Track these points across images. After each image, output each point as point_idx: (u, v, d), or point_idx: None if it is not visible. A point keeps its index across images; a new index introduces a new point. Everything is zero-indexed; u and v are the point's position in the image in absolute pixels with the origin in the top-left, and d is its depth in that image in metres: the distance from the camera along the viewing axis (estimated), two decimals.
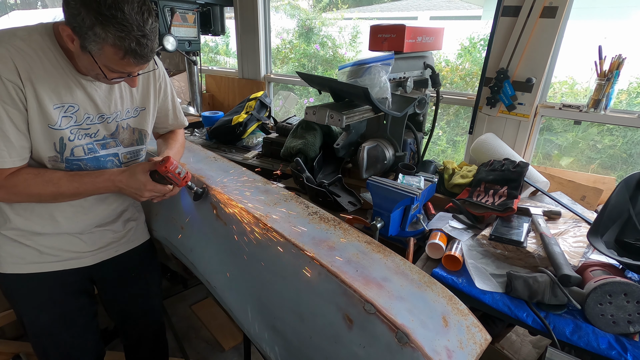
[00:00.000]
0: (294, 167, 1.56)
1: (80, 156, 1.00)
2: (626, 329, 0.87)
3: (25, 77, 0.86)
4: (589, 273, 0.97)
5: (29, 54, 0.86)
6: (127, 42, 0.80)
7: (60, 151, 0.96)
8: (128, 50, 0.82)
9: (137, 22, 0.80)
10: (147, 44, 0.83)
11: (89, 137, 1.00)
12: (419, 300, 0.77)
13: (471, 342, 0.73)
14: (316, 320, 0.85)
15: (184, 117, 1.32)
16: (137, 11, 0.80)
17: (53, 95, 0.90)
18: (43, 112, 0.89)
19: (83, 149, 1.00)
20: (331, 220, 1.02)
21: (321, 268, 0.82)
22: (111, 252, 1.19)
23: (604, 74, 1.46)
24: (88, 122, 0.99)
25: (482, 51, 3.35)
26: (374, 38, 1.50)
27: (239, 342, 2.03)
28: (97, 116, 1.00)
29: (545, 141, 2.89)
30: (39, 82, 0.88)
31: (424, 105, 1.56)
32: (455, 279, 1.05)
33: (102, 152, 1.04)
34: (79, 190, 0.98)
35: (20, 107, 0.87)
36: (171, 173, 0.99)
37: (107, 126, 1.04)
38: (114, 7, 0.77)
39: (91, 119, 0.99)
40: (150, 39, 0.84)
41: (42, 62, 0.88)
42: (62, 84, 0.92)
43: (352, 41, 4.43)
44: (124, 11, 0.78)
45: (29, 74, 0.86)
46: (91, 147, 1.02)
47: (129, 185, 1.00)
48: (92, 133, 1.01)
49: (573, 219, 1.23)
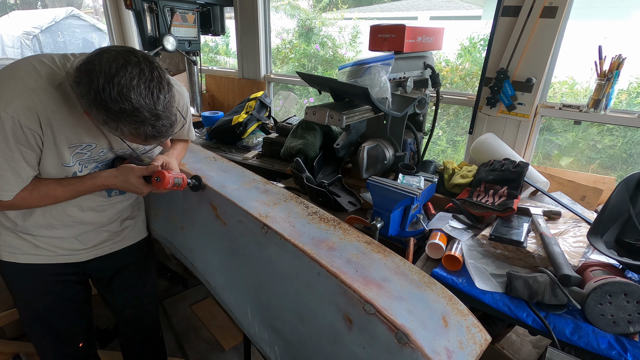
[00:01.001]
0: (294, 167, 1.56)
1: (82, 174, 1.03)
2: (626, 329, 0.87)
3: (46, 123, 0.86)
4: (589, 273, 0.97)
5: (54, 100, 0.85)
6: (143, 129, 0.79)
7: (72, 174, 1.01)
8: (147, 135, 0.81)
9: (149, 107, 0.76)
10: (164, 123, 0.81)
11: (96, 162, 1.03)
12: (419, 300, 0.77)
13: (471, 343, 0.73)
14: (316, 321, 0.84)
15: (194, 134, 1.32)
16: (146, 94, 0.75)
17: (73, 136, 0.91)
18: (59, 152, 0.91)
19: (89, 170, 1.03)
20: (331, 220, 1.02)
21: (321, 268, 0.82)
22: (106, 249, 1.20)
23: (604, 74, 1.46)
24: (101, 154, 1.01)
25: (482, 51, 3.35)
26: (374, 38, 1.50)
27: (239, 342, 2.03)
28: (109, 149, 1.02)
29: (545, 141, 2.89)
30: (59, 128, 0.88)
31: (424, 105, 1.56)
32: (455, 279, 1.05)
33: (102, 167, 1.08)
34: (75, 195, 1.01)
35: (36, 148, 0.89)
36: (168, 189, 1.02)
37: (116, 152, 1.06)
38: (120, 100, 0.73)
39: (105, 152, 1.01)
40: (166, 116, 0.81)
41: (65, 112, 0.87)
42: (83, 126, 0.92)
43: (352, 41, 4.43)
44: (131, 101, 0.74)
45: (50, 121, 0.86)
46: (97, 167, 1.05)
47: (124, 187, 1.03)
48: (101, 160, 1.04)
49: (573, 219, 1.23)
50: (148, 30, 2.21)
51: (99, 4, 3.59)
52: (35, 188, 0.94)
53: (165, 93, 0.79)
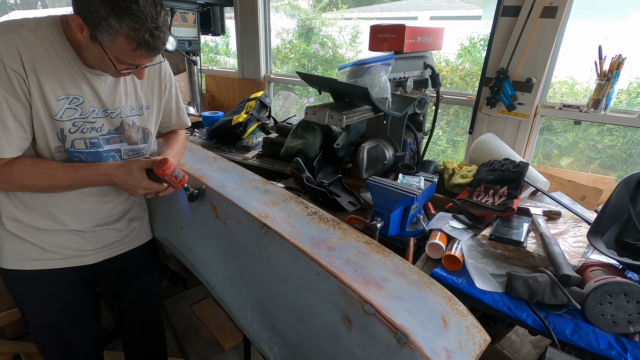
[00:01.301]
0: (294, 167, 1.56)
1: (80, 149, 0.99)
2: (626, 329, 0.87)
3: (29, 67, 0.85)
4: (589, 273, 0.97)
5: (35, 44, 0.86)
6: (141, 33, 0.81)
7: (62, 142, 0.96)
8: (141, 41, 0.82)
9: (151, 15, 0.81)
10: (160, 36, 0.84)
11: (95, 130, 1.00)
12: (418, 300, 0.77)
13: (470, 343, 0.73)
14: (315, 321, 0.84)
15: (187, 117, 1.32)
16: (151, 3, 0.81)
17: (58, 86, 0.90)
18: (47, 103, 0.89)
19: (85, 142, 0.99)
20: (330, 220, 1.02)
21: (320, 268, 0.82)
22: (114, 250, 1.19)
23: (604, 74, 1.46)
24: (94, 115, 0.98)
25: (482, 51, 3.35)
26: (374, 38, 1.50)
27: (239, 342, 2.03)
28: (101, 110, 1.00)
29: (545, 141, 2.89)
30: (44, 73, 0.87)
31: (424, 105, 1.56)
32: (455, 279, 1.05)
33: (105, 147, 1.04)
34: (74, 183, 0.98)
35: (22, 98, 0.87)
36: (168, 176, 0.99)
37: (112, 121, 1.03)
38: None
39: (96, 112, 0.99)
40: (163, 31, 0.85)
41: (48, 53, 0.87)
42: (67, 76, 0.91)
43: (352, 41, 4.43)
44: (138, 3, 0.79)
45: (33, 64, 0.85)
46: (95, 141, 1.01)
47: (125, 180, 1.00)
48: (97, 127, 1.00)
49: (573, 219, 1.23)
50: None
51: None
52: (36, 164, 0.93)
53: (165, 13, 0.85)
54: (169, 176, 1.00)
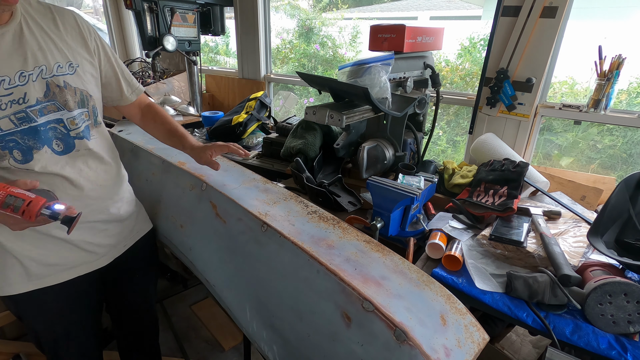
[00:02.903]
0: (294, 167, 1.56)
1: (10, 129, 0.81)
2: (626, 329, 0.87)
3: None
4: (589, 273, 0.97)
5: None
6: None
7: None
8: None
9: None
10: None
11: (17, 103, 0.81)
12: (418, 298, 0.77)
13: (469, 341, 0.73)
14: (314, 319, 0.84)
15: (137, 82, 1.17)
16: None
17: None
18: None
19: (10, 119, 0.81)
20: (330, 219, 1.02)
21: (320, 266, 0.82)
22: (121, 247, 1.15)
23: (604, 74, 1.46)
24: (7, 85, 0.79)
25: (482, 51, 3.35)
26: (374, 38, 1.50)
27: (239, 342, 2.03)
28: (17, 74, 0.80)
29: (545, 141, 2.89)
30: None
31: (424, 105, 1.56)
32: (455, 279, 1.04)
33: (41, 119, 0.85)
34: None
35: None
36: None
37: (34, 86, 0.83)
38: None
39: (8, 80, 0.79)
40: None
41: None
42: None
43: (352, 41, 4.43)
44: None
45: None
46: (23, 115, 0.82)
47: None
48: (18, 98, 0.81)
49: (573, 219, 1.23)
50: (148, 30, 2.22)
51: (99, 4, 3.60)
52: None
53: None
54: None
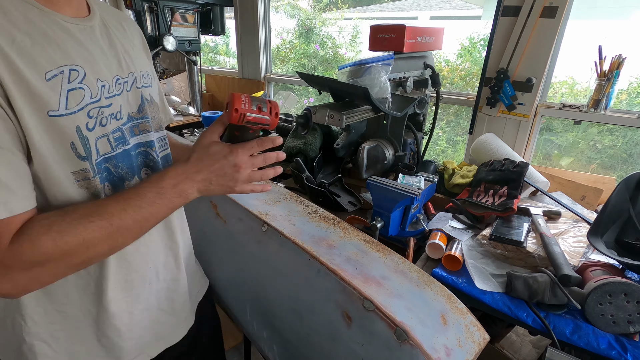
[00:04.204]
0: (294, 167, 1.56)
1: (107, 153, 0.60)
2: (626, 329, 0.87)
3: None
4: (589, 273, 0.97)
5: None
6: None
7: (87, 154, 0.57)
8: None
9: None
10: None
11: (115, 118, 0.61)
12: (418, 298, 0.77)
13: (470, 341, 0.73)
14: (315, 318, 0.84)
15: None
16: None
17: (39, 56, 0.51)
18: (31, 91, 0.49)
19: (109, 140, 0.60)
20: (331, 219, 1.02)
21: (320, 265, 0.82)
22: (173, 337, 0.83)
23: (604, 74, 1.46)
24: (107, 93, 0.60)
25: (482, 51, 3.35)
26: (374, 38, 1.50)
27: (239, 342, 2.03)
28: (113, 80, 0.62)
29: (545, 141, 2.89)
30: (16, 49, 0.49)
31: (424, 105, 1.56)
32: (455, 279, 1.04)
33: (132, 141, 0.66)
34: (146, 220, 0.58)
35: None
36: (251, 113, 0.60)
37: (129, 97, 0.65)
38: None
39: (107, 87, 0.60)
40: None
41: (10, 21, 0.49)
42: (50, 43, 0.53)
43: (352, 41, 4.43)
44: None
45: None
46: (119, 135, 0.62)
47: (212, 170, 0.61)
48: (116, 112, 0.62)
49: (573, 219, 1.23)
50: (148, 30, 2.22)
51: None
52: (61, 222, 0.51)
53: None
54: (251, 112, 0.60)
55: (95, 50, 0.60)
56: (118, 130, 0.62)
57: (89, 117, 0.56)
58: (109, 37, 0.65)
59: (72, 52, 0.55)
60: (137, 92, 0.68)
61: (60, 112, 0.52)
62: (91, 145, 0.57)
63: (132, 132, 0.66)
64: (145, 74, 0.71)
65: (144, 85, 0.70)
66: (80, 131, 0.55)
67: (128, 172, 0.65)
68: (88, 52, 0.58)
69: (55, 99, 0.52)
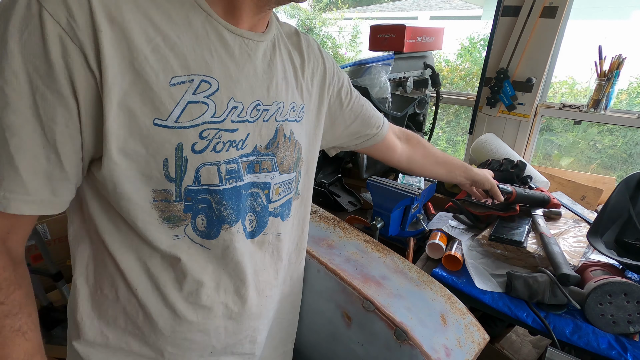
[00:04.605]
0: None
1: (212, 184, 0.51)
2: (626, 329, 0.87)
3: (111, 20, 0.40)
4: (589, 273, 0.97)
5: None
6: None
7: (178, 176, 0.48)
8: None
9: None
10: None
11: (235, 147, 0.52)
12: (418, 298, 0.77)
13: (469, 341, 0.73)
14: (315, 318, 0.84)
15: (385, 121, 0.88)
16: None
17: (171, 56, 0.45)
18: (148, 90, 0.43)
19: (219, 169, 0.51)
20: (331, 219, 1.02)
21: (320, 265, 0.83)
22: None
23: (604, 74, 1.46)
24: (237, 117, 0.51)
25: (482, 51, 3.35)
26: (374, 38, 1.50)
27: None
28: (252, 104, 0.53)
29: (545, 141, 2.89)
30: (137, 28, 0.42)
31: (424, 105, 1.56)
32: (455, 279, 1.04)
33: (246, 179, 0.56)
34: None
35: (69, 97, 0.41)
36: None
37: (262, 128, 0.56)
38: None
39: (240, 109, 0.51)
40: None
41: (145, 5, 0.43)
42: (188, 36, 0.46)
43: (352, 41, 4.44)
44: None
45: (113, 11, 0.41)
46: (233, 168, 0.53)
47: None
48: (238, 140, 0.52)
49: (573, 219, 1.23)
50: None
51: None
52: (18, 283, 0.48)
53: None
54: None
55: (247, 68, 0.52)
56: (234, 161, 0.53)
57: (200, 137, 0.48)
58: (272, 59, 0.57)
59: (214, 63, 0.48)
60: (274, 124, 0.58)
61: (167, 123, 0.45)
62: (188, 169, 0.48)
63: (252, 168, 0.56)
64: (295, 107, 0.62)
65: (288, 119, 0.60)
66: (181, 150, 0.47)
67: (232, 214, 0.55)
68: (236, 67, 0.51)
69: (169, 107, 0.45)
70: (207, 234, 0.55)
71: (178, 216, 0.51)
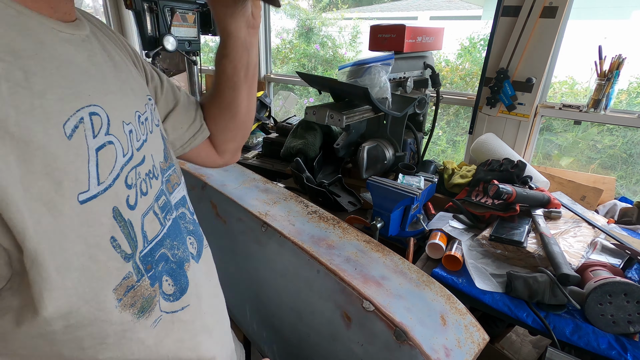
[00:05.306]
0: (294, 167, 1.56)
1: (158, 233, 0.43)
2: (626, 329, 0.87)
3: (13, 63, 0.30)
4: (589, 273, 0.97)
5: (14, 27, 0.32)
6: None
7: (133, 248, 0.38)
8: None
9: None
10: None
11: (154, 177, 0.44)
12: (418, 298, 0.77)
13: (469, 341, 0.73)
14: (314, 318, 0.84)
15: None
16: None
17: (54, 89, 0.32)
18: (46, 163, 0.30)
19: (155, 212, 0.43)
20: (330, 219, 1.02)
21: (320, 266, 0.82)
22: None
23: (604, 74, 1.46)
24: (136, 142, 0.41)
25: (482, 51, 3.35)
26: (374, 38, 1.50)
27: None
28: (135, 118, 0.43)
29: (545, 141, 2.89)
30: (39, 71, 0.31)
31: (424, 105, 1.56)
32: (455, 279, 1.04)
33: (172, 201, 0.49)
34: None
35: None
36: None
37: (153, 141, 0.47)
38: None
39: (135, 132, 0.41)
40: None
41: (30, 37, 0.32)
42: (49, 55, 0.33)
43: (352, 41, 4.44)
44: None
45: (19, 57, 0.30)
46: (164, 201, 0.46)
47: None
48: (150, 167, 0.44)
49: (573, 219, 1.23)
50: (148, 30, 2.21)
51: (99, 4, 3.60)
52: None
53: None
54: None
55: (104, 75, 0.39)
56: (161, 194, 0.44)
57: (127, 186, 0.37)
58: (112, 57, 0.44)
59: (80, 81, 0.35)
60: (157, 130, 0.48)
61: (92, 192, 0.33)
62: (137, 232, 0.38)
63: (168, 190, 0.47)
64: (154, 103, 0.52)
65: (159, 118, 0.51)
66: (120, 214, 0.36)
67: (184, 251, 0.46)
68: (96, 79, 0.38)
69: (83, 169, 0.32)
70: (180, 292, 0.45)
71: (148, 295, 0.40)
